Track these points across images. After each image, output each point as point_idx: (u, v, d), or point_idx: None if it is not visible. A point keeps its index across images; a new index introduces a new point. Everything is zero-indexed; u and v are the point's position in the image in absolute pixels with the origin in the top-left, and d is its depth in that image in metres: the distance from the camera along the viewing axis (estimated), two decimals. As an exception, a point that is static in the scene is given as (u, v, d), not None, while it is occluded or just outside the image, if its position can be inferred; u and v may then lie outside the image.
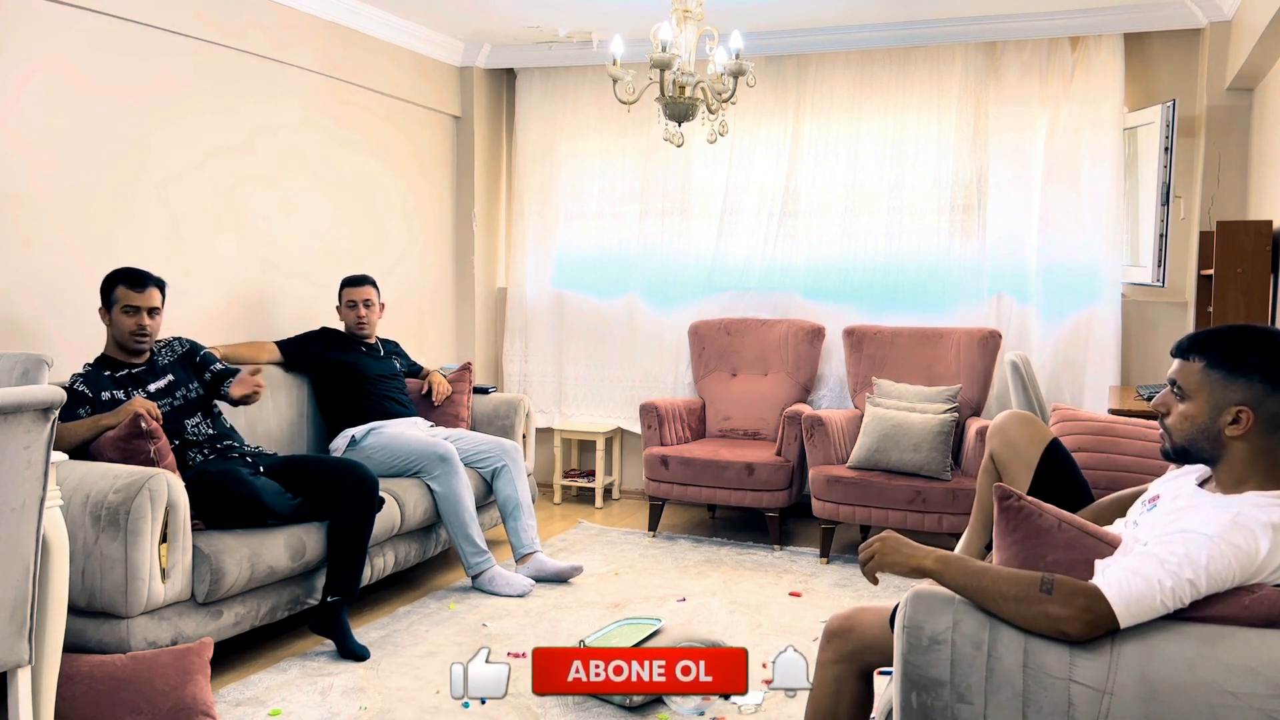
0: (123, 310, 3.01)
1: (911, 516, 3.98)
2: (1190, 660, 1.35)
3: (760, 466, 4.33)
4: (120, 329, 3.03)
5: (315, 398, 3.98)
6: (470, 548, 3.67)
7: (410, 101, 4.95)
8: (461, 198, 5.38)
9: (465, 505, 3.68)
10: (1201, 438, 1.55)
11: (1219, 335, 1.57)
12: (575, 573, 3.85)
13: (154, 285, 3.06)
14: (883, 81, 4.80)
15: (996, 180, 4.64)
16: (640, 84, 3.38)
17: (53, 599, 2.19)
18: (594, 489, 5.22)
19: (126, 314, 3.02)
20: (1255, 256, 3.38)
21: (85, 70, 3.34)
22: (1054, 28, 4.43)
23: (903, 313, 4.76)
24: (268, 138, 4.10)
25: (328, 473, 3.21)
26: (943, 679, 1.43)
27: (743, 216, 5.05)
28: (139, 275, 3.04)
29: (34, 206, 3.20)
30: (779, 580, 3.93)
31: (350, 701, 2.73)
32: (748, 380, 4.89)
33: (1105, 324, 4.44)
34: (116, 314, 3.02)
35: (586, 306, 5.38)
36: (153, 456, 2.80)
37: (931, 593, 1.49)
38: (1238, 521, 1.42)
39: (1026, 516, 1.53)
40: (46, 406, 1.99)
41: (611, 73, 3.26)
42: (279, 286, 4.20)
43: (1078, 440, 2.55)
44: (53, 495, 2.13)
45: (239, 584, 2.84)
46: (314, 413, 3.99)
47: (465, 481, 3.72)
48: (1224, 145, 4.19)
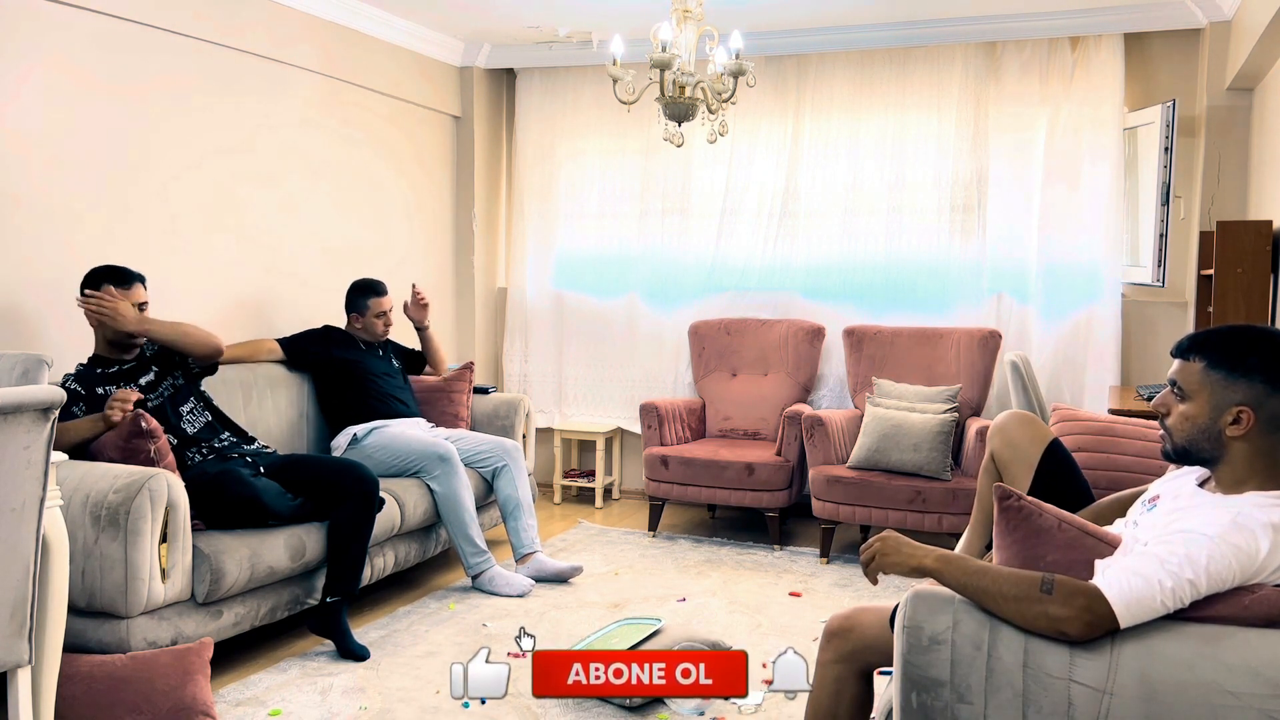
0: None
1: (911, 516, 3.98)
2: (1190, 660, 1.35)
3: (760, 466, 4.33)
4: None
5: (316, 396, 3.98)
6: (470, 548, 3.67)
7: (410, 101, 4.95)
8: (461, 198, 5.38)
9: (465, 505, 3.68)
10: (1202, 438, 1.55)
11: (1219, 335, 1.57)
12: (575, 573, 3.85)
13: (138, 280, 3.05)
14: (883, 81, 4.80)
15: (996, 180, 4.64)
16: (640, 84, 3.38)
17: (53, 599, 2.19)
18: (594, 489, 5.22)
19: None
20: (1255, 256, 3.38)
21: (85, 70, 3.34)
22: (1054, 28, 4.43)
23: (903, 313, 4.76)
24: (268, 137, 4.10)
25: (328, 473, 3.21)
26: (943, 679, 1.43)
27: (743, 216, 5.05)
28: (123, 272, 3.03)
29: (34, 206, 3.20)
30: (779, 580, 3.93)
31: (350, 701, 2.73)
32: (748, 380, 4.89)
33: (1105, 324, 4.44)
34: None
35: (586, 306, 5.38)
36: (153, 456, 2.80)
37: (931, 593, 1.49)
38: (1238, 522, 1.42)
39: (1026, 516, 1.53)
40: (46, 406, 1.99)
41: (611, 73, 3.26)
42: (279, 286, 4.19)
43: (1078, 440, 2.55)
44: (53, 495, 2.14)
45: (239, 584, 2.84)
46: (314, 412, 3.99)
47: (465, 481, 3.72)
48: (1224, 145, 4.19)
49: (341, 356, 3.93)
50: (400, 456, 3.71)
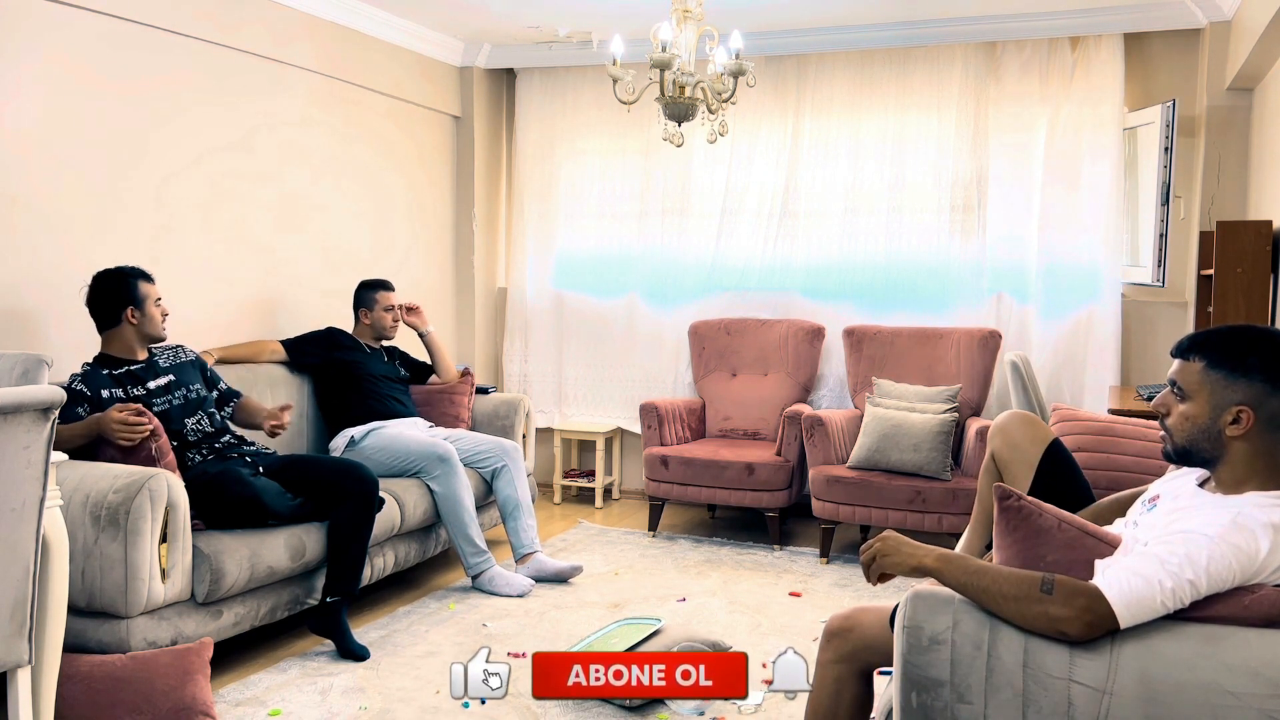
0: (154, 304, 3.10)
1: (911, 516, 3.98)
2: (1190, 660, 1.35)
3: (760, 466, 4.33)
4: (154, 321, 3.10)
5: (316, 396, 3.98)
6: (470, 548, 3.67)
7: (410, 101, 4.95)
8: (461, 198, 5.38)
9: (465, 505, 3.68)
10: (1202, 438, 1.55)
11: (1219, 335, 1.57)
12: (575, 572, 3.84)
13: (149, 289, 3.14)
14: (883, 81, 4.80)
15: (996, 180, 4.64)
16: (640, 84, 3.38)
17: (53, 599, 2.19)
18: (594, 489, 5.22)
19: (157, 306, 3.11)
20: (1255, 256, 3.38)
21: (85, 70, 3.34)
22: (1054, 28, 4.43)
23: (903, 313, 4.76)
24: (267, 137, 4.10)
25: (328, 473, 3.21)
26: (943, 679, 1.43)
27: (743, 216, 5.05)
28: (146, 272, 3.11)
29: (33, 205, 3.20)
30: (779, 580, 3.93)
31: (350, 701, 2.73)
32: (748, 380, 4.89)
33: (1105, 324, 4.44)
34: (149, 309, 3.08)
35: (586, 306, 5.38)
36: (154, 454, 2.80)
37: (931, 593, 1.49)
38: (1238, 522, 1.41)
39: (1026, 516, 1.53)
40: (46, 406, 1.99)
41: (611, 73, 3.26)
42: (278, 286, 4.19)
43: (1078, 440, 2.55)
44: (53, 495, 2.13)
45: (239, 584, 2.84)
46: (314, 413, 3.99)
47: (465, 482, 3.72)
48: (1224, 145, 4.19)
49: (341, 358, 3.93)
50: (399, 457, 3.71)
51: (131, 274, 3.07)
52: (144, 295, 3.07)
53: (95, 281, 3.04)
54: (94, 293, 3.04)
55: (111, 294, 3.04)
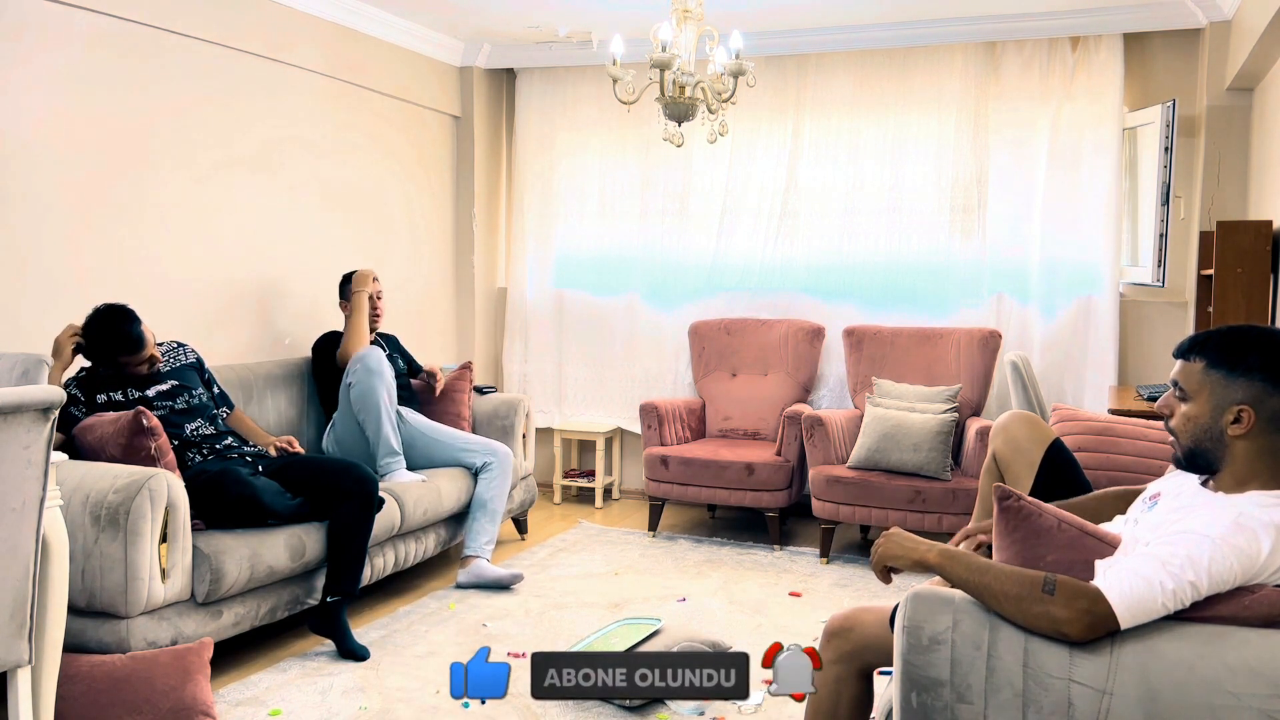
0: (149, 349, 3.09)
1: (911, 516, 3.98)
2: (1190, 660, 1.35)
3: (760, 466, 4.33)
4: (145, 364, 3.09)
5: (317, 395, 3.98)
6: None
7: (410, 101, 4.95)
8: (461, 197, 5.38)
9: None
10: (1205, 438, 1.55)
11: (1219, 335, 1.57)
12: (516, 580, 3.73)
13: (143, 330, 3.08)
14: (883, 81, 4.80)
15: (996, 180, 4.64)
16: (640, 84, 3.38)
17: (53, 599, 2.19)
18: (594, 489, 5.22)
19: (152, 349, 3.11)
20: (1255, 256, 3.38)
21: (86, 70, 3.34)
22: (1054, 28, 4.43)
23: (903, 312, 4.76)
24: (268, 137, 4.10)
25: (327, 473, 3.21)
26: (943, 679, 1.43)
27: (743, 216, 5.05)
28: (136, 331, 3.05)
29: (34, 206, 3.20)
30: (779, 580, 3.93)
31: (350, 701, 2.73)
32: (748, 380, 4.89)
33: (1105, 324, 4.44)
34: (142, 356, 3.07)
35: (586, 306, 5.38)
36: (153, 454, 2.80)
37: (931, 593, 1.49)
38: (1240, 522, 1.42)
39: (1026, 516, 1.53)
40: (46, 406, 1.99)
41: (611, 73, 3.26)
42: (279, 285, 4.19)
43: (1078, 440, 2.55)
44: (53, 495, 2.13)
45: (239, 584, 2.84)
46: (315, 413, 3.99)
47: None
48: (1224, 145, 4.19)
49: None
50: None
51: (124, 339, 3.02)
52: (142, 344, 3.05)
53: (89, 334, 3.00)
54: (89, 349, 3.02)
55: (105, 353, 3.03)
